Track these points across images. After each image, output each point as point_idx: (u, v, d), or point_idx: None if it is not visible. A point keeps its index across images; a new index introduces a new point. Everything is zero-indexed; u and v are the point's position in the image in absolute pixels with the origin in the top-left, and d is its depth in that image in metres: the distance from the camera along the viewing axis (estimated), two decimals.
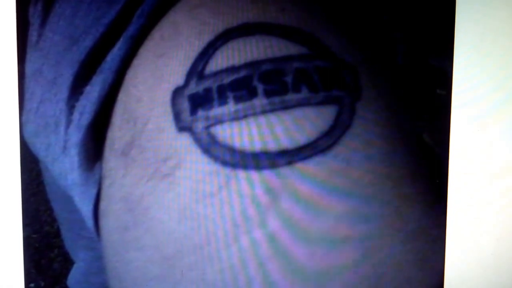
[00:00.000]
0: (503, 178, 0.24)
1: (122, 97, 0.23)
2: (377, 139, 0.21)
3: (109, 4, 0.23)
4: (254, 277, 0.19)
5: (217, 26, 0.21)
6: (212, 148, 0.20)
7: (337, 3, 0.23)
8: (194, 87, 0.21)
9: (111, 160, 0.23)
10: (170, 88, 0.21)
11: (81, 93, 0.24)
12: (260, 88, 0.20)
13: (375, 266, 0.19)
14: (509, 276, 0.24)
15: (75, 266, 0.33)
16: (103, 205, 0.24)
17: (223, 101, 0.20)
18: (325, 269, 0.19)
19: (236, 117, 0.20)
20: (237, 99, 0.20)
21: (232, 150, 0.20)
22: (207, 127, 0.20)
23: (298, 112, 0.20)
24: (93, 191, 0.24)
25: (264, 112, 0.20)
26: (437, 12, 0.25)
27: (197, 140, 0.20)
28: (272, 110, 0.20)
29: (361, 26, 0.23)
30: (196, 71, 0.21)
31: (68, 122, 0.24)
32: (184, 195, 0.20)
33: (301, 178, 0.20)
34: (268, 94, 0.20)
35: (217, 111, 0.20)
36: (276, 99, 0.20)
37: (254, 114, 0.20)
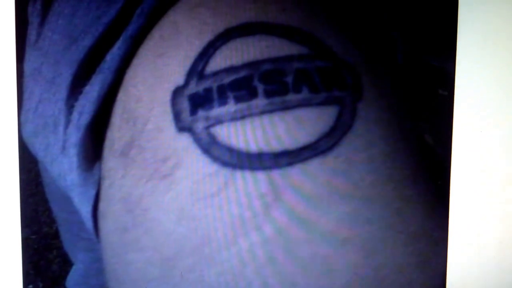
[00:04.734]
0: (505, 179, 0.24)
1: (121, 97, 0.23)
2: (379, 140, 0.20)
3: (109, 3, 0.23)
4: (254, 279, 0.19)
5: (217, 25, 0.21)
6: (212, 148, 0.20)
7: (338, 3, 0.23)
8: (194, 87, 0.21)
9: (110, 160, 0.23)
10: (170, 88, 0.21)
11: (80, 92, 0.24)
12: (260, 88, 0.20)
13: (377, 268, 0.19)
14: (511, 278, 0.24)
15: (74, 267, 0.33)
16: (102, 206, 0.24)
17: (223, 101, 0.20)
18: (326, 271, 0.19)
19: (236, 117, 0.20)
20: (237, 99, 0.20)
21: (232, 150, 0.20)
22: (207, 127, 0.20)
23: (298, 113, 0.20)
24: (92, 192, 0.24)
25: (264, 112, 0.20)
26: (439, 12, 0.25)
27: (197, 140, 0.20)
28: (272, 111, 0.20)
29: (362, 26, 0.23)
30: (196, 71, 0.21)
31: (67, 122, 0.24)
32: (184, 195, 0.20)
33: (301, 179, 0.19)
34: (268, 94, 0.20)
35: (217, 111, 0.20)
36: (277, 100, 0.20)
37: (254, 114, 0.20)
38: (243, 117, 0.20)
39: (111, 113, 0.23)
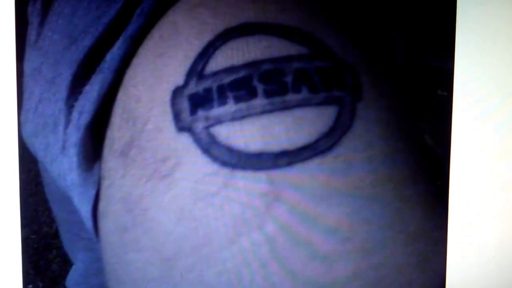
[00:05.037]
0: (505, 179, 0.24)
1: (121, 96, 0.23)
2: (378, 140, 0.20)
3: (109, 3, 0.23)
4: (254, 279, 0.19)
5: (217, 25, 0.21)
6: (211, 148, 0.20)
7: (338, 3, 0.23)
8: (194, 87, 0.21)
9: (110, 160, 0.23)
10: (170, 88, 0.21)
11: (80, 92, 0.24)
12: (260, 88, 0.20)
13: (376, 268, 0.19)
14: (511, 278, 0.24)
15: (73, 267, 0.33)
16: (102, 205, 0.24)
17: (223, 101, 0.20)
18: (325, 271, 0.19)
19: (236, 117, 0.20)
20: (237, 99, 0.20)
21: (232, 150, 0.20)
22: (207, 127, 0.20)
23: (298, 113, 0.20)
24: (92, 192, 0.24)
25: (264, 112, 0.20)
26: (438, 12, 0.25)
27: (197, 140, 0.20)
28: (272, 111, 0.20)
29: (362, 26, 0.23)
30: (195, 71, 0.21)
31: (67, 122, 0.24)
32: (183, 195, 0.20)
33: (301, 179, 0.19)
34: (268, 94, 0.20)
35: (217, 111, 0.20)
36: (276, 100, 0.20)
37: (254, 114, 0.20)
38: (242, 117, 0.20)
39: (111, 113, 0.23)
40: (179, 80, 0.21)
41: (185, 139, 0.20)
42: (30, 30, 0.26)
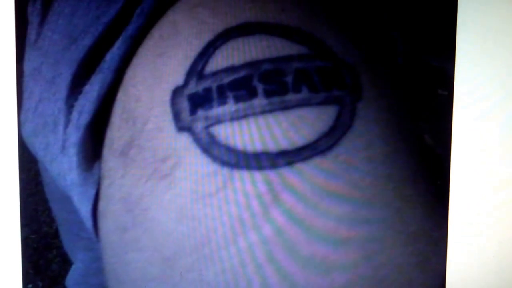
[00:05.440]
0: (505, 179, 0.24)
1: (121, 96, 0.23)
2: (378, 140, 0.20)
3: (109, 3, 0.23)
4: (253, 278, 0.19)
5: (217, 25, 0.21)
6: (211, 148, 0.20)
7: (338, 3, 0.23)
8: (194, 87, 0.21)
9: (110, 160, 0.23)
10: (170, 87, 0.21)
11: (80, 92, 0.24)
12: (260, 88, 0.20)
13: (376, 268, 0.19)
14: (511, 278, 0.24)
15: (73, 267, 0.33)
16: (102, 205, 0.24)
17: (222, 101, 0.20)
18: (325, 271, 0.19)
19: (236, 117, 0.20)
20: (237, 99, 0.20)
21: (231, 150, 0.20)
22: (207, 127, 0.20)
23: (298, 112, 0.20)
24: (92, 191, 0.24)
25: (264, 112, 0.20)
26: (438, 12, 0.25)
27: (197, 140, 0.20)
28: (272, 110, 0.20)
29: (362, 26, 0.23)
30: (195, 70, 0.21)
31: (67, 122, 0.24)
32: (183, 195, 0.20)
33: (301, 179, 0.19)
34: (268, 94, 0.20)
35: (216, 111, 0.20)
36: (276, 99, 0.20)
37: (254, 114, 0.20)
38: (242, 117, 0.20)
39: (111, 113, 0.23)
40: (179, 80, 0.21)
41: (185, 139, 0.20)
42: (30, 30, 0.26)
